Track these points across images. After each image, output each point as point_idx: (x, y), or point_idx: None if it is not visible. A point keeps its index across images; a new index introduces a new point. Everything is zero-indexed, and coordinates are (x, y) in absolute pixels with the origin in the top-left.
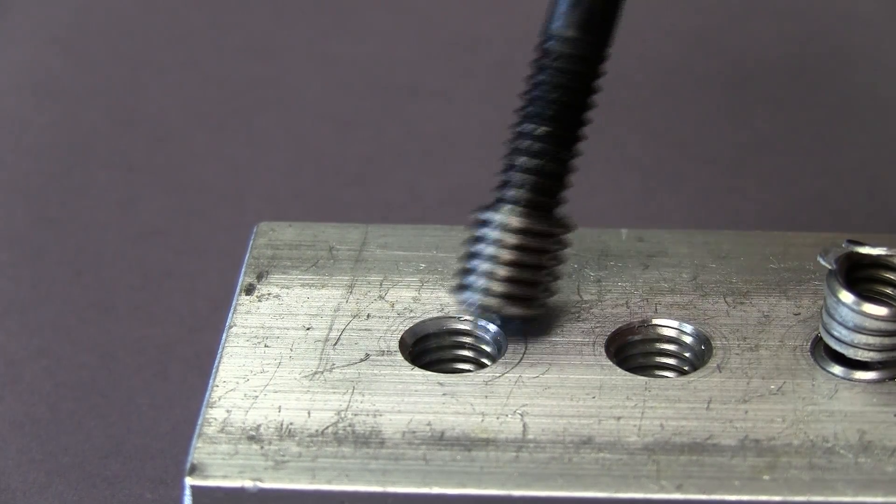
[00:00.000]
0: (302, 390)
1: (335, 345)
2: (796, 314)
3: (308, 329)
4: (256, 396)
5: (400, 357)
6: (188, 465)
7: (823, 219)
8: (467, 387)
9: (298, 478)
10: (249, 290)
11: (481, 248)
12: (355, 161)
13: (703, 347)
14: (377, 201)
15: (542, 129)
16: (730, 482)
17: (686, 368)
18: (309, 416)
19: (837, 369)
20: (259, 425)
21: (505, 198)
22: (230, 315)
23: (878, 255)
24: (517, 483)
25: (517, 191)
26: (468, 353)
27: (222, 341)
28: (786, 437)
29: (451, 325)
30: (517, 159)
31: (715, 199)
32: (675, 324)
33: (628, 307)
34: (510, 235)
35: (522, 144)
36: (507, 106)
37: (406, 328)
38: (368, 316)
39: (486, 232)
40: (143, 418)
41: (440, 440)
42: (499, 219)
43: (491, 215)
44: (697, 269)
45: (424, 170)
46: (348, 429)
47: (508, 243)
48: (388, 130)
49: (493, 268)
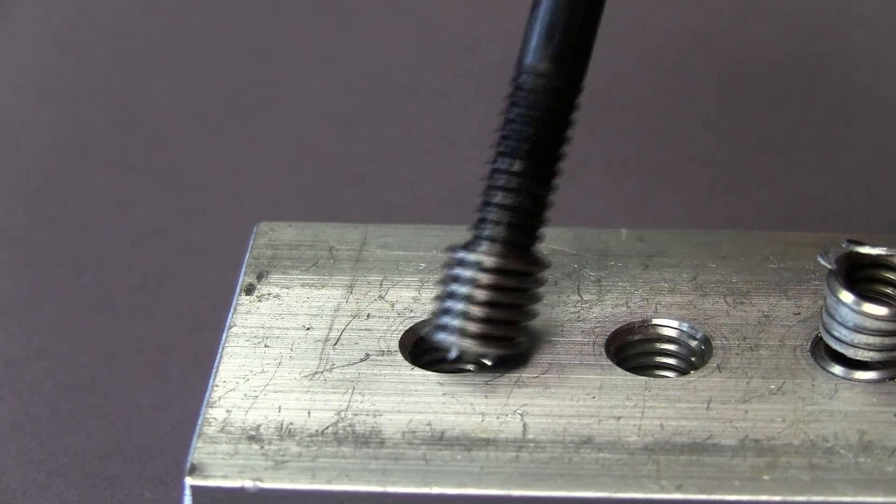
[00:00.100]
0: (302, 390)
1: (335, 345)
2: (796, 314)
3: (308, 329)
4: (256, 396)
5: (400, 357)
6: (188, 465)
7: (823, 219)
8: (467, 387)
9: (298, 478)
10: (249, 290)
11: (457, 287)
12: (355, 161)
13: (703, 347)
14: (377, 201)
15: (517, 166)
16: (730, 482)
17: (686, 368)
18: (309, 416)
19: (837, 369)
20: (259, 425)
21: (481, 236)
22: (230, 315)
23: (878, 255)
24: (517, 483)
25: (493, 229)
26: None
27: (222, 341)
28: (786, 437)
29: None
30: (493, 196)
31: (715, 199)
32: (675, 324)
33: (628, 307)
34: (486, 275)
35: (498, 181)
36: None
37: (406, 328)
38: (368, 316)
39: (461, 272)
40: (143, 418)
41: (440, 440)
42: (474, 258)
43: (466, 255)
44: (697, 269)
45: (424, 170)
46: (348, 429)
47: (484, 283)
48: (388, 130)
49: (469, 308)
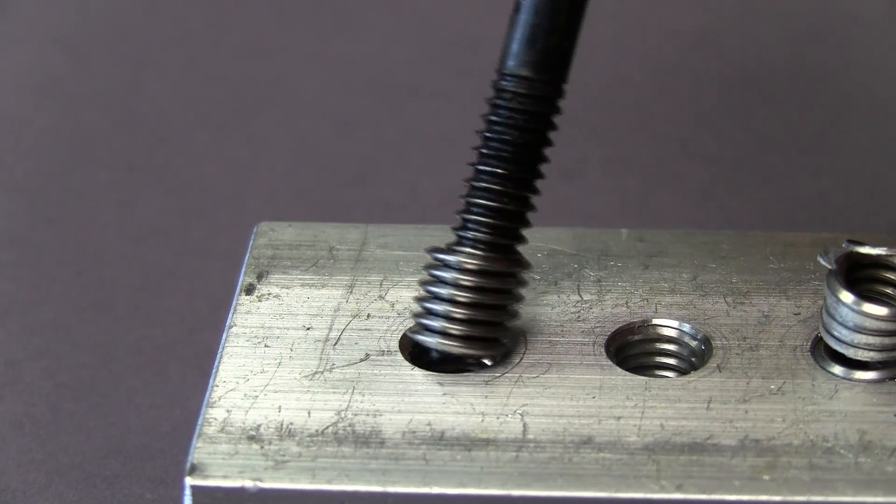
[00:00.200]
0: (302, 390)
1: (335, 345)
2: (796, 314)
3: (308, 329)
4: (256, 396)
5: (400, 357)
6: (188, 465)
7: (823, 219)
8: (467, 387)
9: (298, 478)
10: (249, 290)
11: (439, 289)
12: (355, 161)
13: (703, 347)
14: (377, 201)
15: (499, 168)
16: (730, 482)
17: (686, 368)
18: (309, 416)
19: (837, 369)
20: (259, 425)
21: (463, 238)
22: (230, 315)
23: (878, 255)
24: (517, 483)
25: (474, 232)
26: None
27: (222, 341)
28: (786, 437)
29: None
30: (475, 199)
31: (715, 199)
32: (675, 324)
33: (628, 307)
34: (468, 277)
35: (480, 183)
36: None
37: (406, 328)
38: (368, 316)
39: (443, 273)
40: (143, 418)
41: (440, 440)
42: (456, 260)
43: (447, 257)
44: (697, 269)
45: (424, 170)
46: (348, 429)
47: (466, 285)
48: (388, 130)
49: (452, 309)
